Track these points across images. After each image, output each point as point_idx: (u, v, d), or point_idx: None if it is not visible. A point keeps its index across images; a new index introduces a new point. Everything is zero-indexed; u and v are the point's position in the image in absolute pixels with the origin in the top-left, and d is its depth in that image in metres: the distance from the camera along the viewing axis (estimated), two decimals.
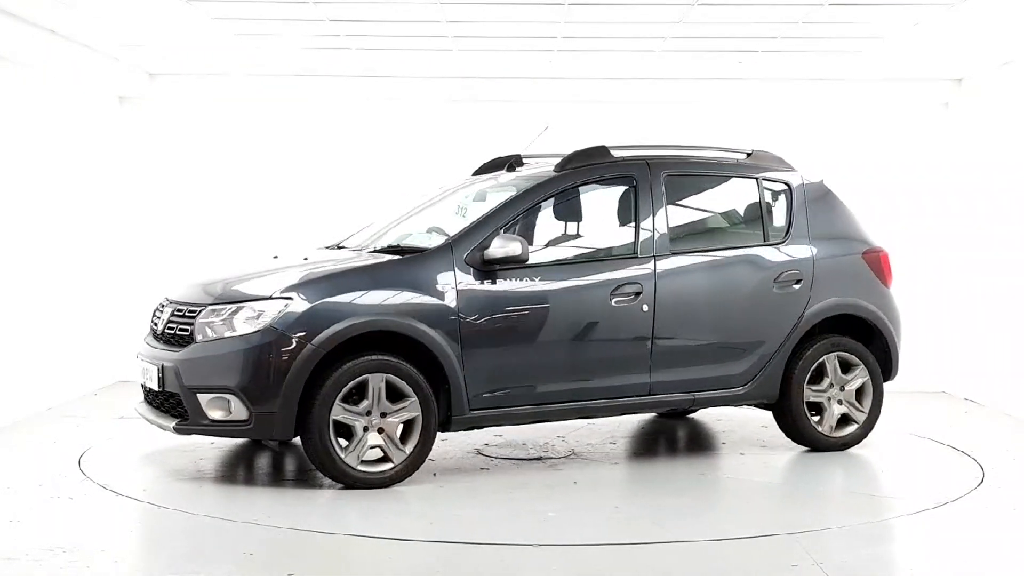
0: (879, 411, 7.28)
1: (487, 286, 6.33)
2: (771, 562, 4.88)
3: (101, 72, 9.56)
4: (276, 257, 6.96)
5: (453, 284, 6.24)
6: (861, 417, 7.20)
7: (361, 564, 4.84)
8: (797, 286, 7.04)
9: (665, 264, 6.74)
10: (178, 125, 10.57)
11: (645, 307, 6.63)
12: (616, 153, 6.97)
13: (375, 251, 6.73)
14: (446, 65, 9.85)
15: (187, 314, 6.32)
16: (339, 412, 6.02)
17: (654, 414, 8.25)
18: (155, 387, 6.28)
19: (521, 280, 6.42)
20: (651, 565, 4.85)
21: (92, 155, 9.94)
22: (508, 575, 4.73)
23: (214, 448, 7.17)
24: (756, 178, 7.24)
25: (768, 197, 7.24)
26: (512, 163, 7.35)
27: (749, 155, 7.34)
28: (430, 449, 6.28)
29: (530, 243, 6.69)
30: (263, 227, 10.37)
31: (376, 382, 6.06)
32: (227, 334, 6.05)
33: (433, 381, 6.22)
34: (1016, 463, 7.07)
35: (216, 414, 6.03)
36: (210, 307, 6.20)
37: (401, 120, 10.57)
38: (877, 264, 7.36)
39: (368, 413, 6.09)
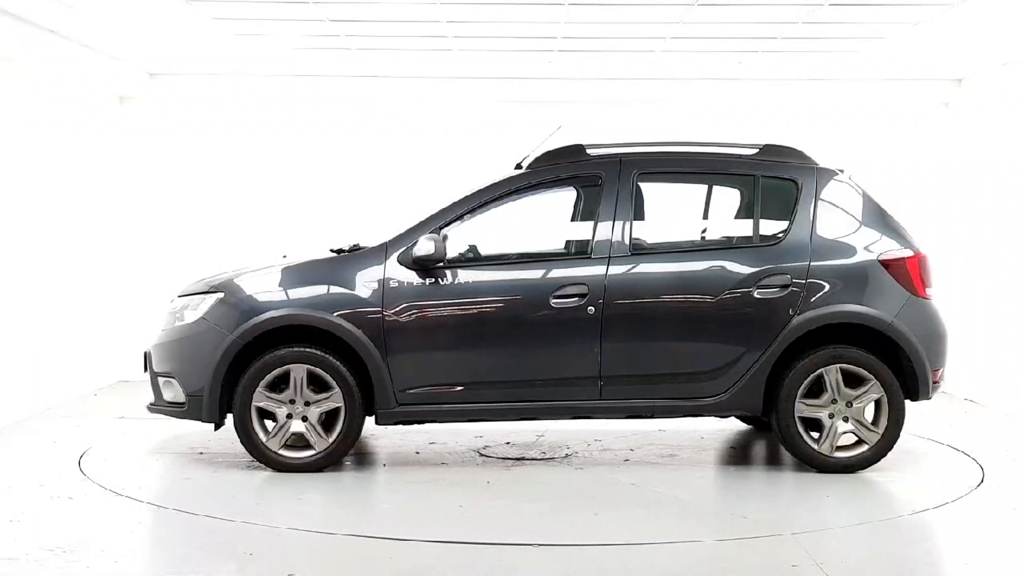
0: (897, 433, 6.53)
1: (416, 284, 6.45)
2: (771, 562, 4.88)
3: (101, 72, 9.56)
4: (285, 256, 7.07)
5: (380, 281, 6.43)
6: (872, 438, 6.51)
7: (361, 564, 4.84)
8: (784, 291, 6.47)
9: (620, 265, 6.47)
10: (178, 125, 10.58)
11: (591, 309, 6.39)
12: (593, 152, 6.78)
13: (338, 251, 6.82)
14: (446, 65, 9.86)
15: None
16: (262, 399, 6.43)
17: (746, 425, 7.99)
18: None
19: (455, 278, 6.47)
20: (651, 565, 4.84)
21: (92, 155, 9.95)
22: (508, 575, 4.73)
23: (214, 448, 7.17)
24: (754, 175, 6.77)
25: (766, 195, 6.76)
26: (521, 163, 7.30)
27: (761, 150, 6.85)
28: (354, 438, 6.50)
29: (485, 241, 6.73)
30: (263, 227, 10.38)
31: (298, 372, 6.41)
32: (178, 324, 6.64)
33: (363, 374, 6.43)
34: (1016, 463, 7.06)
35: (168, 396, 6.66)
36: (178, 299, 6.79)
37: (402, 120, 10.58)
38: (901, 270, 6.59)
39: (292, 401, 6.43)
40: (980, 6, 7.62)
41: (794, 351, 6.50)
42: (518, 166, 7.27)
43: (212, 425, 6.56)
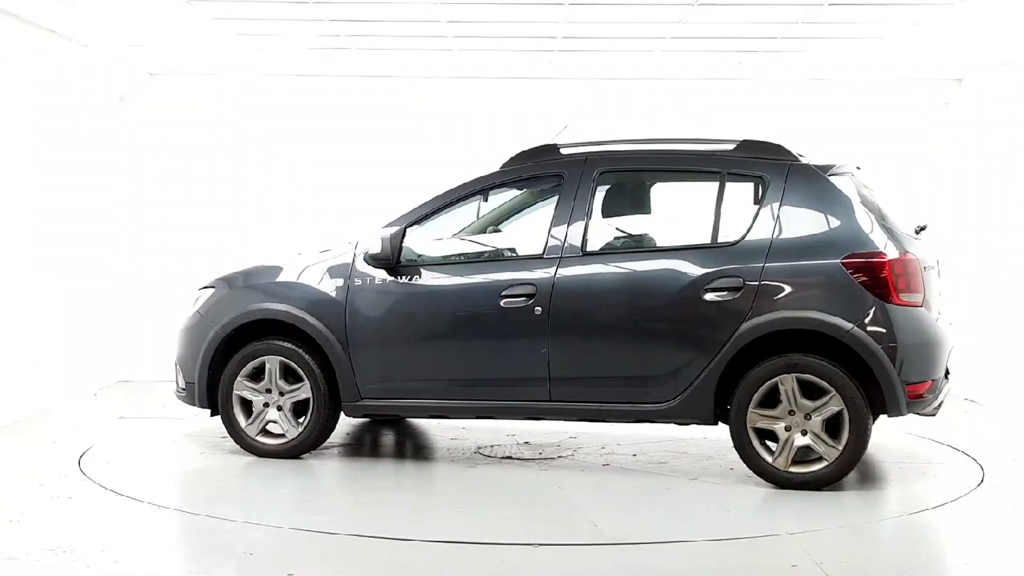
0: (860, 449, 6.01)
1: (377, 282, 6.62)
2: (771, 562, 4.88)
3: (101, 72, 9.56)
4: (300, 254, 7.23)
5: (346, 280, 6.66)
6: (832, 453, 6.00)
7: (361, 564, 4.84)
8: (735, 295, 6.09)
9: (571, 266, 6.34)
10: (178, 125, 10.58)
11: (538, 310, 6.30)
12: (566, 151, 6.69)
13: (323, 251, 7.02)
14: (446, 65, 9.86)
15: None
16: (242, 388, 6.80)
17: None
18: None
19: (413, 277, 6.57)
20: (651, 565, 4.84)
21: (92, 155, 9.94)
22: (508, 575, 4.73)
23: (214, 448, 7.18)
24: (720, 172, 6.39)
25: (732, 193, 6.38)
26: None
27: (737, 146, 6.50)
28: (323, 428, 6.76)
29: (445, 240, 6.78)
30: (263, 226, 10.38)
31: (272, 364, 6.75)
32: (187, 316, 7.08)
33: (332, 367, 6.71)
34: (1016, 463, 7.06)
35: (180, 382, 7.07)
36: (196, 291, 7.14)
37: (402, 120, 10.58)
38: (869, 273, 5.98)
39: (269, 391, 6.77)
40: (980, 6, 7.63)
41: (751, 358, 6.12)
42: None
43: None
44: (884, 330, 5.97)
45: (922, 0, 7.55)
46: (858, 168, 6.65)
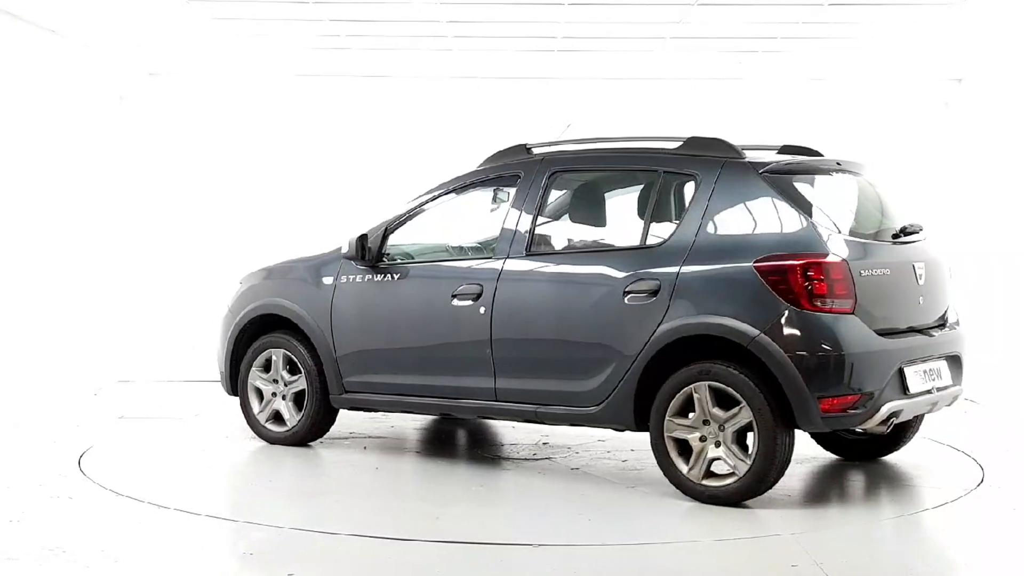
0: (769, 463, 5.55)
1: (357, 280, 6.85)
2: (771, 562, 4.87)
3: (101, 72, 9.56)
4: (308, 252, 7.40)
5: (335, 278, 6.92)
6: (741, 467, 5.59)
7: (361, 564, 4.84)
8: (652, 299, 5.83)
9: (513, 266, 6.31)
10: (178, 125, 10.58)
11: (482, 309, 6.30)
12: (537, 151, 6.65)
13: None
14: (446, 65, 9.86)
15: None
16: (256, 379, 7.21)
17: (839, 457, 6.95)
18: None
19: (385, 276, 6.74)
20: (651, 565, 4.84)
21: (92, 155, 9.95)
22: (508, 575, 4.73)
23: (214, 448, 7.18)
24: (656, 171, 6.19)
25: (666, 192, 6.22)
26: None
27: (683, 144, 6.19)
28: (316, 419, 7.03)
29: (412, 240, 6.88)
30: (262, 226, 10.39)
31: (276, 356, 7.13)
32: (224, 307, 7.46)
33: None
34: (1016, 463, 7.06)
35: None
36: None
37: (402, 120, 10.58)
38: (781, 277, 5.54)
39: (276, 381, 7.13)
40: (980, 6, 7.63)
41: (670, 364, 5.83)
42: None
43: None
44: (794, 338, 5.50)
45: (922, 0, 7.55)
46: (838, 164, 6.20)
